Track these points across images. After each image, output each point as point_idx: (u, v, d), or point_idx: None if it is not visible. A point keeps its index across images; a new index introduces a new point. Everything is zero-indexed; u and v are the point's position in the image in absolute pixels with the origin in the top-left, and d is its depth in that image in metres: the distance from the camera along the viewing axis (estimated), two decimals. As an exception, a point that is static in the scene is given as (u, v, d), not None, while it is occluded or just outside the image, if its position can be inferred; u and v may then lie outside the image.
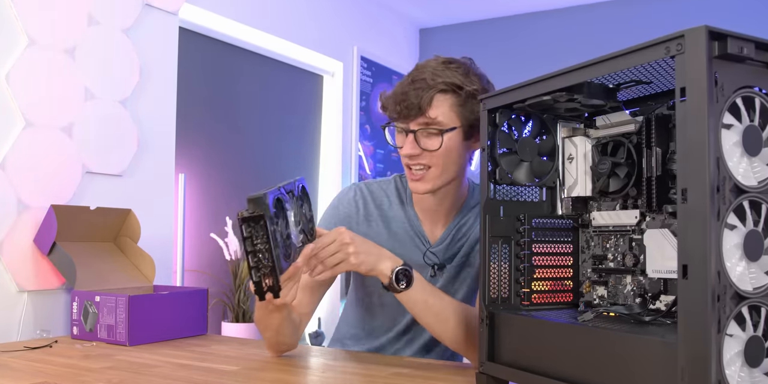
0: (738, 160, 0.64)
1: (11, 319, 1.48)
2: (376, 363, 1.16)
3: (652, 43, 0.66)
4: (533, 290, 0.93)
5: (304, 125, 3.21)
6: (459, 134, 1.15)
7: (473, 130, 1.16)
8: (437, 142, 1.13)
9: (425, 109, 1.12)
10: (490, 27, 3.88)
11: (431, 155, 1.14)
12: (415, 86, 1.12)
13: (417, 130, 1.14)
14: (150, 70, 1.85)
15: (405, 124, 1.15)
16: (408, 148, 1.15)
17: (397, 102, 1.14)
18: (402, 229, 1.27)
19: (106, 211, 1.61)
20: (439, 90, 1.12)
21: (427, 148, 1.14)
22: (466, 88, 1.13)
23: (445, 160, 1.15)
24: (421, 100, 1.11)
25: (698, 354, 0.59)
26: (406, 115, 1.13)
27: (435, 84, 1.12)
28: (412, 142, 1.14)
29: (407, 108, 1.12)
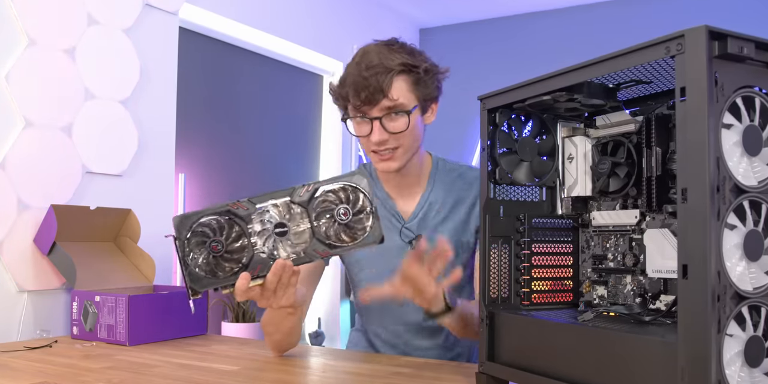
0: (738, 160, 0.64)
1: (11, 319, 1.48)
2: (376, 363, 1.16)
3: (652, 43, 0.66)
4: (533, 290, 0.93)
5: (304, 125, 3.21)
6: (418, 111, 1.20)
7: (427, 105, 1.22)
8: (403, 124, 1.17)
9: (387, 92, 1.14)
10: (490, 27, 3.88)
11: (398, 136, 1.18)
12: (372, 72, 1.14)
13: (381, 116, 1.17)
14: (150, 70, 1.85)
15: (368, 111, 1.17)
16: (377, 135, 1.17)
17: (358, 90, 1.15)
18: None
19: (106, 211, 1.61)
20: (398, 72, 1.15)
21: (395, 130, 1.17)
22: (420, 66, 1.17)
23: (411, 138, 1.20)
24: (383, 84, 1.14)
25: (698, 354, 0.59)
26: (371, 100, 1.15)
27: (392, 66, 1.14)
28: (379, 128, 1.17)
29: (372, 93, 1.14)
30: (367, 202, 0.97)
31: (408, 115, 1.17)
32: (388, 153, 1.20)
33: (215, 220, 0.93)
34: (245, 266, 0.94)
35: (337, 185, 0.96)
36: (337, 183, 0.96)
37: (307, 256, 0.96)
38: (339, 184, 0.96)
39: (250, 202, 0.95)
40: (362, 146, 1.25)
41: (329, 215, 0.96)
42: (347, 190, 0.96)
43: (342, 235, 0.97)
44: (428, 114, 1.25)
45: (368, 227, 0.97)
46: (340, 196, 0.96)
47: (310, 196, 0.95)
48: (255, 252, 0.94)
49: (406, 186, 1.32)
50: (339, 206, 0.96)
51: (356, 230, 0.97)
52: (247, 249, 0.94)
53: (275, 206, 0.95)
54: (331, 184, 0.96)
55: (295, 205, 0.95)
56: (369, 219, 0.97)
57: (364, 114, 1.18)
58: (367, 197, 0.97)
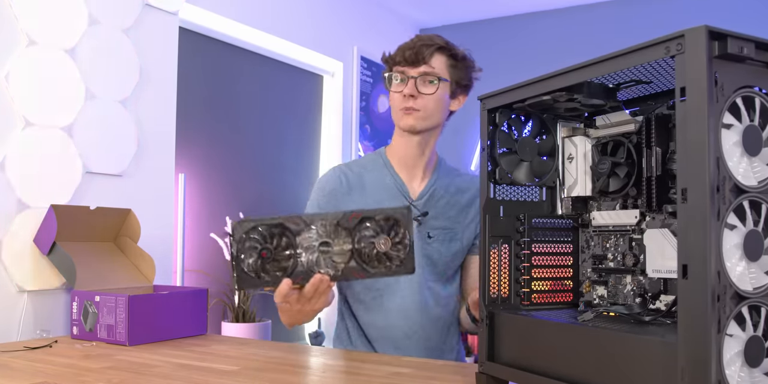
0: (738, 160, 0.64)
1: (11, 319, 1.48)
2: (376, 363, 1.16)
3: (652, 43, 0.66)
4: (533, 290, 0.93)
5: (304, 125, 3.21)
6: (448, 88, 1.40)
7: (457, 91, 1.43)
8: (433, 88, 1.38)
9: (428, 60, 1.37)
10: (490, 27, 3.88)
11: (424, 99, 1.37)
12: (420, 42, 1.38)
13: (417, 76, 1.37)
14: (150, 70, 1.85)
15: (408, 71, 1.38)
16: (409, 89, 1.37)
17: (404, 50, 1.38)
18: (386, 190, 1.43)
19: (106, 211, 1.61)
20: (438, 47, 1.38)
21: (424, 92, 1.37)
22: (458, 51, 1.41)
23: (434, 105, 1.38)
24: (425, 52, 1.37)
25: (698, 354, 0.59)
26: (413, 61, 1.37)
27: (436, 42, 1.39)
28: (412, 85, 1.37)
29: (415, 54, 1.37)
30: (405, 235, 1.08)
31: (439, 82, 1.37)
32: (411, 110, 1.38)
33: (269, 230, 1.04)
34: (288, 274, 1.04)
35: (382, 216, 1.07)
36: (383, 214, 1.07)
37: (344, 276, 1.06)
38: (383, 215, 1.07)
39: (302, 220, 1.05)
40: (393, 106, 1.42)
41: (370, 242, 1.06)
42: (389, 221, 1.07)
43: (379, 262, 1.07)
44: (455, 101, 1.44)
45: (403, 257, 1.07)
46: (382, 226, 1.07)
47: (357, 223, 1.06)
48: (298, 263, 1.04)
49: (416, 170, 1.46)
50: (380, 235, 1.07)
51: (392, 259, 1.07)
52: (292, 259, 1.04)
53: (323, 226, 1.05)
54: (377, 215, 1.07)
55: (341, 229, 1.06)
56: (405, 250, 1.08)
57: (405, 73, 1.38)
58: (407, 231, 1.08)
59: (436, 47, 1.37)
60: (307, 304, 1.07)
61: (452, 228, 1.42)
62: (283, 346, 1.38)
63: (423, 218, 1.40)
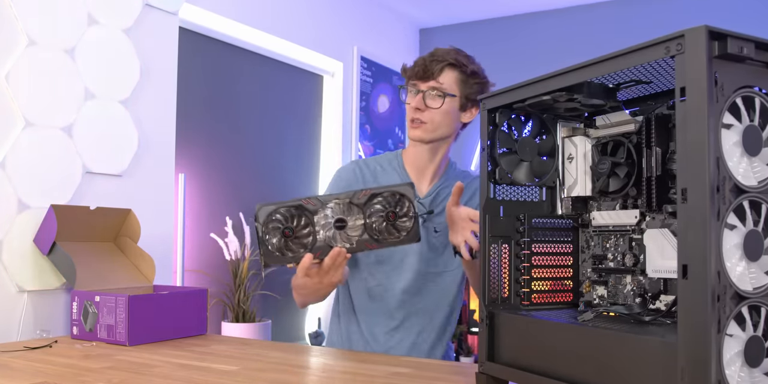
0: (738, 160, 0.64)
1: (11, 319, 1.48)
2: (376, 363, 1.16)
3: (652, 43, 0.66)
4: (533, 290, 0.93)
5: (304, 125, 3.21)
6: (456, 102, 1.46)
7: (467, 105, 1.48)
8: (439, 103, 1.44)
9: (436, 75, 1.44)
10: (490, 27, 3.88)
11: (431, 112, 1.44)
12: (431, 58, 1.45)
13: (426, 90, 1.44)
14: (150, 70, 1.85)
15: (419, 85, 1.45)
16: (416, 102, 1.45)
17: (416, 66, 1.46)
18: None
19: (106, 211, 1.61)
20: (449, 63, 1.44)
21: (430, 106, 1.44)
22: (468, 66, 1.46)
23: (440, 118, 1.45)
24: (434, 68, 1.44)
25: (698, 354, 0.59)
26: (422, 76, 1.44)
27: (447, 58, 1.45)
28: (420, 99, 1.45)
29: (424, 71, 1.44)
30: (410, 208, 1.22)
31: (445, 98, 1.44)
32: (418, 123, 1.46)
33: (289, 211, 1.15)
34: (309, 250, 1.17)
35: (388, 192, 1.21)
36: (389, 190, 1.21)
37: (358, 247, 1.19)
38: (390, 191, 1.21)
39: (318, 200, 1.17)
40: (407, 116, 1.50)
41: (380, 215, 1.20)
42: (395, 196, 1.21)
43: (388, 233, 1.21)
44: (467, 113, 1.50)
45: (409, 228, 1.22)
46: (389, 201, 1.21)
47: (366, 199, 1.19)
48: (318, 238, 1.17)
49: (426, 174, 1.54)
50: (388, 209, 1.21)
51: (400, 229, 1.22)
52: (312, 236, 1.17)
53: (338, 204, 1.18)
54: (384, 191, 1.20)
55: (353, 205, 1.18)
56: (411, 221, 1.22)
57: (415, 87, 1.46)
58: (411, 204, 1.22)
59: (446, 64, 1.44)
60: (326, 277, 1.19)
61: None
62: (283, 346, 1.38)
63: (428, 216, 1.49)
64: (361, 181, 1.53)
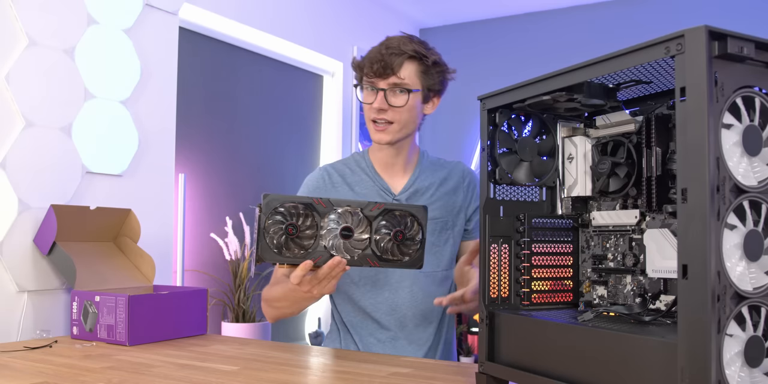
0: (738, 160, 0.64)
1: (11, 319, 1.48)
2: (376, 363, 1.16)
3: (652, 43, 0.66)
4: (533, 290, 0.93)
5: (304, 125, 3.21)
6: (420, 96, 1.38)
7: (430, 96, 1.41)
8: (403, 100, 1.35)
9: (397, 71, 1.33)
10: (490, 27, 3.88)
11: (395, 111, 1.35)
12: (388, 52, 1.34)
13: (387, 88, 1.35)
14: (150, 70, 1.85)
15: (377, 83, 1.35)
16: (378, 103, 1.35)
17: (373, 63, 1.34)
18: (367, 188, 1.45)
19: (106, 211, 1.61)
20: (409, 56, 1.34)
21: (394, 104, 1.35)
22: (429, 57, 1.36)
23: (406, 116, 1.36)
24: (394, 63, 1.33)
25: (698, 354, 0.59)
26: (381, 73, 1.34)
27: (406, 50, 1.34)
28: (382, 98, 1.35)
29: (383, 68, 1.33)
30: (419, 232, 1.15)
31: (409, 94, 1.35)
32: (383, 125, 1.37)
33: (296, 207, 1.08)
34: (309, 253, 1.09)
35: (401, 211, 1.14)
36: (403, 209, 1.14)
37: (359, 262, 1.12)
38: (403, 210, 1.14)
39: (330, 203, 1.10)
40: (365, 116, 1.40)
41: (388, 233, 1.13)
42: (407, 216, 1.14)
43: (392, 253, 1.13)
44: (429, 104, 1.42)
45: (414, 252, 1.15)
46: (400, 221, 1.13)
47: (379, 213, 1.12)
48: (320, 243, 1.09)
49: (396, 169, 1.47)
50: (397, 228, 1.13)
51: (404, 252, 1.14)
52: (314, 239, 1.09)
53: (347, 212, 1.10)
54: (398, 209, 1.14)
55: (364, 217, 1.11)
56: (417, 245, 1.15)
57: (373, 85, 1.35)
58: (422, 228, 1.15)
59: (406, 57, 1.34)
60: (317, 287, 1.11)
61: (441, 217, 1.44)
62: (283, 346, 1.38)
63: None
64: (330, 186, 1.46)
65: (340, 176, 1.47)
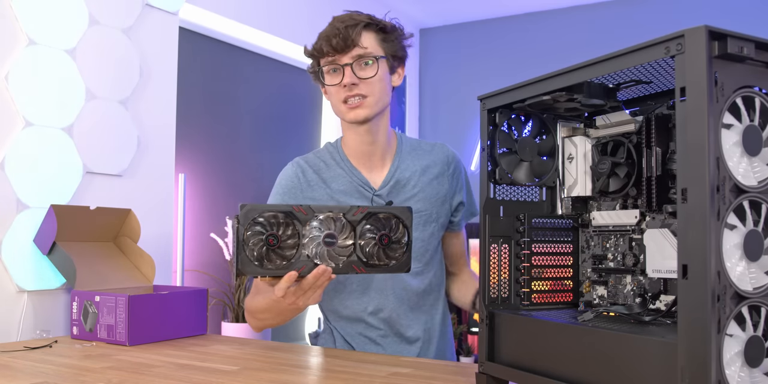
0: (738, 160, 0.64)
1: (11, 319, 1.48)
2: (376, 363, 1.16)
3: (652, 43, 0.66)
4: (533, 290, 0.93)
5: (304, 125, 3.21)
6: (386, 65, 1.31)
7: (395, 65, 1.35)
8: (372, 70, 1.28)
9: (358, 41, 1.27)
10: (490, 27, 3.88)
11: (367, 83, 1.28)
12: (343, 24, 1.28)
13: (352, 62, 1.28)
14: (150, 70, 1.85)
15: (339, 59, 1.28)
16: (348, 78, 1.27)
17: (330, 37, 1.27)
18: (344, 185, 1.36)
19: (106, 211, 1.61)
20: (365, 24, 1.29)
21: (364, 76, 1.28)
22: (386, 23, 1.32)
23: (379, 87, 1.29)
24: (352, 33, 1.27)
25: (698, 354, 0.59)
26: (342, 47, 1.27)
27: (360, 19, 1.29)
28: (350, 73, 1.27)
29: (343, 40, 1.26)
30: (405, 235, 1.11)
31: (377, 62, 1.28)
32: (358, 100, 1.29)
33: (276, 216, 1.03)
34: (291, 264, 1.04)
35: (385, 214, 1.10)
36: (387, 212, 1.10)
37: (345, 269, 1.07)
38: (387, 213, 1.10)
39: (310, 209, 1.05)
40: (333, 100, 1.33)
41: (372, 237, 1.08)
42: (391, 219, 1.10)
43: (378, 258, 1.09)
44: (395, 75, 1.36)
45: (400, 256, 1.11)
46: (384, 224, 1.09)
47: (362, 217, 1.08)
48: (302, 252, 1.05)
49: (374, 159, 1.38)
50: (382, 232, 1.09)
51: (390, 256, 1.10)
52: (297, 249, 1.04)
53: (330, 219, 1.06)
54: (381, 212, 1.09)
55: (347, 222, 1.07)
56: (403, 249, 1.11)
57: (336, 62, 1.28)
58: (408, 230, 1.11)
59: (363, 25, 1.28)
60: (302, 298, 1.06)
61: (425, 210, 1.36)
62: (283, 346, 1.38)
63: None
64: (305, 185, 1.37)
65: (315, 173, 1.38)
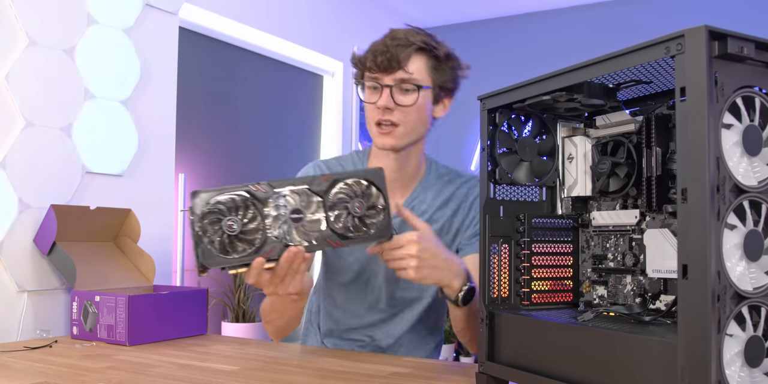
0: (738, 160, 0.64)
1: (11, 319, 1.48)
2: (376, 363, 1.16)
3: (652, 43, 0.66)
4: (533, 290, 0.93)
5: (304, 125, 3.21)
6: (430, 95, 1.22)
7: (441, 95, 1.24)
8: (412, 98, 1.19)
9: (404, 64, 1.18)
10: (490, 27, 3.88)
11: (403, 111, 1.19)
12: (394, 43, 1.18)
13: (393, 85, 1.19)
14: (150, 70, 1.85)
15: (381, 78, 1.20)
16: (384, 101, 1.18)
17: (376, 55, 1.18)
18: None
19: (106, 211, 1.61)
20: (417, 48, 1.19)
21: (402, 103, 1.19)
22: (441, 49, 1.21)
23: (415, 117, 1.20)
24: (401, 55, 1.17)
25: (698, 354, 0.59)
26: (386, 67, 1.18)
27: (414, 41, 1.18)
28: (387, 96, 1.19)
29: (388, 60, 1.17)
30: (381, 198, 1.00)
31: (419, 91, 1.19)
32: (388, 127, 1.20)
33: (232, 199, 0.92)
34: (258, 248, 0.93)
35: (354, 179, 0.99)
36: (355, 176, 0.99)
37: (319, 245, 0.97)
38: (356, 177, 0.99)
39: (269, 186, 0.95)
40: (368, 118, 1.24)
41: (344, 207, 0.98)
42: (362, 184, 0.99)
43: (355, 229, 0.98)
44: (439, 106, 1.26)
45: (379, 222, 1.00)
46: (355, 190, 0.98)
47: (328, 186, 0.97)
48: (268, 235, 0.94)
49: (396, 185, 1.28)
50: (354, 199, 0.98)
51: (368, 224, 0.99)
52: (261, 231, 0.93)
53: (293, 192, 0.96)
54: (350, 177, 0.99)
55: (312, 194, 0.96)
56: (381, 214, 1.00)
57: (377, 81, 1.20)
58: (382, 193, 1.00)
59: (414, 48, 1.18)
60: (281, 286, 0.96)
61: None
62: (283, 346, 1.38)
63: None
64: None
65: None
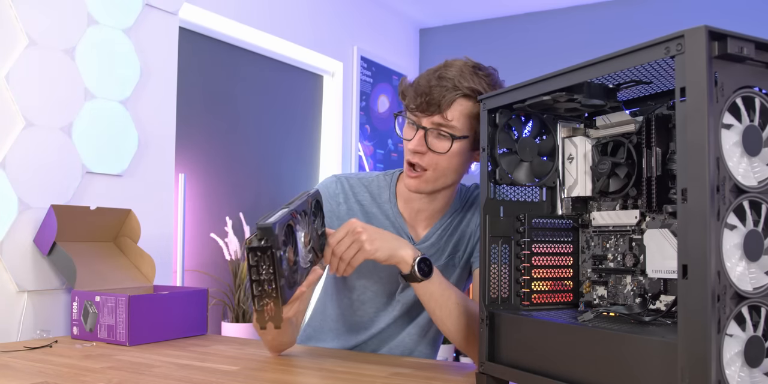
0: (738, 160, 0.64)
1: (11, 319, 1.48)
2: (376, 363, 1.16)
3: (652, 43, 0.66)
4: (533, 290, 0.93)
5: (304, 125, 3.21)
6: (468, 144, 1.14)
7: None
8: (445, 146, 1.12)
9: (444, 109, 1.10)
10: (490, 27, 3.88)
11: (435, 157, 1.13)
12: (441, 83, 1.09)
13: (429, 128, 1.12)
14: (150, 70, 1.85)
15: (419, 118, 1.13)
16: (415, 144, 1.12)
17: (418, 94, 1.11)
18: (383, 227, 1.24)
19: (106, 211, 1.61)
20: (463, 94, 1.10)
21: (435, 149, 1.12)
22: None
23: (447, 165, 1.14)
24: (443, 99, 1.09)
25: (698, 354, 0.59)
26: (424, 109, 1.11)
27: (461, 87, 1.09)
28: (420, 138, 1.12)
29: (427, 103, 1.10)
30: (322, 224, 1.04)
31: (452, 140, 1.11)
32: (418, 171, 1.15)
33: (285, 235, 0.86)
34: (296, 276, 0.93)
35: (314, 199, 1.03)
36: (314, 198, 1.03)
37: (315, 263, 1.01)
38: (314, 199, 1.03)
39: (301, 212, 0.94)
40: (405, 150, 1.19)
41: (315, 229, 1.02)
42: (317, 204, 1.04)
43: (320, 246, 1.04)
44: (477, 153, 1.16)
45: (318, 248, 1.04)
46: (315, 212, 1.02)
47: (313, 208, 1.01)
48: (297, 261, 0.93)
49: (420, 216, 1.26)
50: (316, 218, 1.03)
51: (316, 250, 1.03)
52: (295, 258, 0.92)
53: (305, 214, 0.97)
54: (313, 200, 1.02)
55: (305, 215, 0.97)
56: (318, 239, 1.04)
57: (415, 120, 1.14)
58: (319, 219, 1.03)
59: (459, 95, 1.09)
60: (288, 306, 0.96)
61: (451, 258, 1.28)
62: (283, 346, 1.37)
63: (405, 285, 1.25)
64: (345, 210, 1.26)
65: (356, 202, 1.27)
